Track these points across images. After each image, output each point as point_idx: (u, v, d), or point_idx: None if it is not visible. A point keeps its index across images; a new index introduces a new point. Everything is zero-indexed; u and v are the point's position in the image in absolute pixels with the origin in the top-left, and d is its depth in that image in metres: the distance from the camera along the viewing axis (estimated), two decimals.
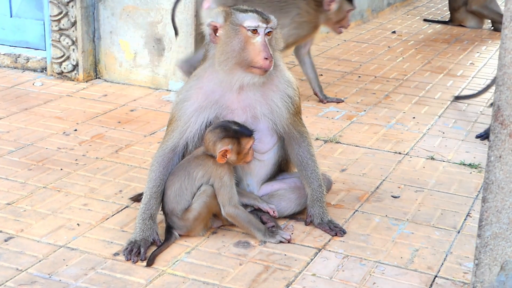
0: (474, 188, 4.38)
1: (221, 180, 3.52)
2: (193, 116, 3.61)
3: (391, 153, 4.91)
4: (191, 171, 3.56)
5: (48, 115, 5.38)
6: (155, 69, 6.11)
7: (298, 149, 3.77)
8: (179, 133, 3.64)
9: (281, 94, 3.66)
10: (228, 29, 3.51)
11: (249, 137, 3.55)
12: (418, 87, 6.56)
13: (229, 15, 3.53)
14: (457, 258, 3.54)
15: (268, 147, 3.76)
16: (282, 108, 3.65)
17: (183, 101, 3.64)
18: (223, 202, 3.53)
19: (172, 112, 3.69)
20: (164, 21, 5.94)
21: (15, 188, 4.13)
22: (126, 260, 3.39)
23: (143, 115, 5.47)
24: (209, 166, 3.54)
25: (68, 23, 6.09)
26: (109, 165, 4.51)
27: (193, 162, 3.59)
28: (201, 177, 3.54)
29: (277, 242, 3.60)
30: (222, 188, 3.52)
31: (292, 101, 3.69)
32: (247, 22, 3.48)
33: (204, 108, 3.61)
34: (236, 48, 3.49)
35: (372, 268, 3.42)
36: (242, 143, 3.53)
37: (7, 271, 3.27)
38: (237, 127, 3.55)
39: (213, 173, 3.53)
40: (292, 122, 3.71)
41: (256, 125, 3.65)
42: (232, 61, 3.50)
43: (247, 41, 3.49)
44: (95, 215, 3.85)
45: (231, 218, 3.57)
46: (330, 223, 3.76)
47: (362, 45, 8.20)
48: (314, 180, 3.77)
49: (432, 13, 10.62)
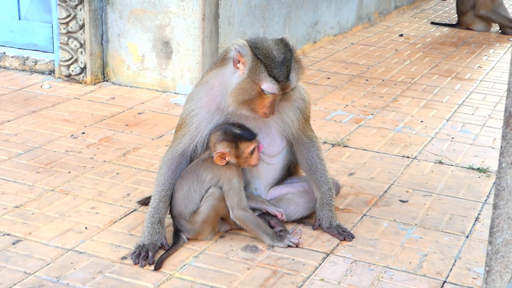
0: (483, 193, 4.36)
1: (230, 182, 3.52)
2: (203, 122, 3.60)
3: (399, 157, 4.90)
4: (200, 173, 3.56)
5: (56, 117, 5.38)
6: (162, 72, 6.11)
7: (307, 153, 3.76)
8: (190, 138, 3.63)
9: (293, 105, 3.65)
10: (248, 73, 3.43)
11: (249, 141, 3.53)
12: (426, 91, 6.55)
13: (254, 59, 3.42)
14: (466, 264, 3.52)
15: (277, 151, 3.76)
16: (293, 118, 3.66)
17: (194, 108, 3.63)
18: (232, 205, 3.52)
19: (182, 117, 3.68)
20: (172, 24, 5.94)
21: (23, 191, 4.14)
22: (134, 264, 3.39)
23: (151, 118, 5.47)
24: (217, 168, 3.54)
25: (76, 26, 6.10)
26: (117, 168, 4.51)
27: (202, 165, 3.58)
28: (210, 180, 3.54)
29: (285, 246, 3.59)
30: (231, 191, 3.51)
31: (303, 111, 3.71)
32: (265, 85, 3.42)
33: (215, 114, 3.60)
34: (248, 93, 3.44)
35: (380, 273, 3.40)
36: (240, 147, 3.52)
37: (15, 274, 3.27)
38: (238, 130, 3.54)
39: (222, 176, 3.53)
40: (301, 128, 3.72)
41: (265, 130, 3.64)
42: (241, 98, 3.46)
43: (260, 95, 3.45)
44: (103, 218, 3.85)
45: (239, 221, 3.56)
46: (339, 227, 3.75)
47: (369, 48, 8.18)
48: (324, 183, 3.76)
49: (440, 16, 10.60)
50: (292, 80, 3.45)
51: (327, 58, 7.61)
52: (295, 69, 3.47)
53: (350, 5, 8.73)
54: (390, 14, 10.08)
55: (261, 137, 3.65)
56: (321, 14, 8.01)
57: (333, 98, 6.17)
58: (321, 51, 7.91)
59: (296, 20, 7.47)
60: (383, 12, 9.85)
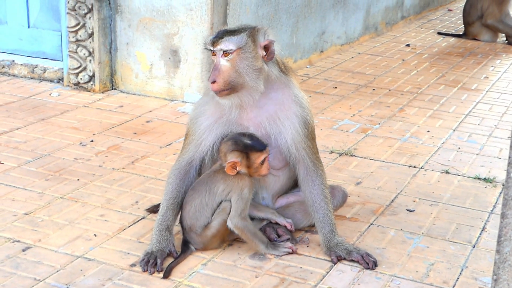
0: (489, 203, 4.38)
1: (242, 192, 3.52)
2: (206, 131, 3.62)
3: (406, 166, 4.92)
4: (212, 186, 3.55)
5: (65, 125, 5.42)
6: (171, 80, 6.14)
7: (312, 187, 3.65)
8: (194, 147, 3.66)
9: (289, 114, 3.58)
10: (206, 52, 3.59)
11: (260, 151, 3.53)
12: (432, 101, 6.57)
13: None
14: (473, 273, 3.54)
15: (282, 165, 3.73)
16: (290, 128, 3.57)
17: (198, 116, 3.67)
18: (235, 214, 3.51)
19: (188, 126, 3.72)
20: (181, 33, 5.98)
21: (32, 198, 4.17)
22: (142, 271, 3.41)
23: (159, 126, 5.50)
24: (230, 179, 3.54)
25: (85, 34, 6.14)
26: (125, 176, 4.54)
27: (214, 176, 3.59)
28: (222, 191, 3.54)
29: (280, 253, 3.60)
30: (240, 201, 3.52)
31: (301, 121, 3.59)
32: (205, 44, 3.54)
33: (218, 124, 3.61)
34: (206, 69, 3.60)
35: (387, 282, 3.42)
36: (251, 158, 3.53)
37: (25, 281, 3.29)
38: (249, 140, 3.53)
39: (234, 186, 3.53)
40: (305, 146, 3.61)
41: (270, 142, 3.64)
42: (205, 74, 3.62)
43: (211, 64, 3.54)
44: (111, 225, 3.87)
45: (238, 230, 3.54)
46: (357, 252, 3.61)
47: (376, 58, 8.21)
48: (326, 225, 3.65)
49: (446, 26, 10.63)
50: (223, 38, 3.46)
51: (334, 68, 7.64)
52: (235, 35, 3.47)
53: (357, 15, 8.77)
54: (396, 24, 10.11)
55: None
56: (328, 24, 8.05)
57: (340, 108, 6.20)
58: (328, 60, 7.94)
59: (304, 30, 7.51)
60: (390, 22, 9.89)
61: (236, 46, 3.45)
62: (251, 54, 3.48)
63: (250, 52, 3.48)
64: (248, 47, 3.47)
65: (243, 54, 3.46)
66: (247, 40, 3.47)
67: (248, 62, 3.47)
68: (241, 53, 3.46)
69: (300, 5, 7.33)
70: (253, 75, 3.48)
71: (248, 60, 3.47)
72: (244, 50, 3.46)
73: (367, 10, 9.03)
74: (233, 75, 3.46)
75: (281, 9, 6.99)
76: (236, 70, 3.46)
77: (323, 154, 4.67)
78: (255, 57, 3.49)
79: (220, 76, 3.44)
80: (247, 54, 3.47)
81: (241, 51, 3.45)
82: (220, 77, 3.44)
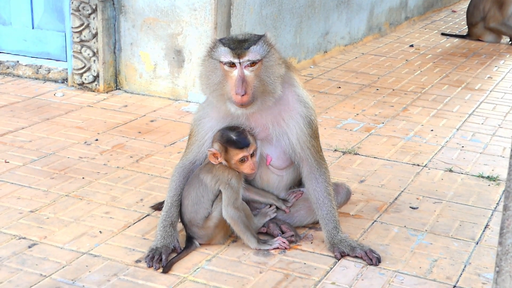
0: (493, 200, 4.39)
1: (229, 182, 3.55)
2: (209, 133, 3.65)
3: (409, 165, 4.93)
4: (202, 177, 3.60)
5: (70, 125, 5.44)
6: (174, 80, 6.17)
7: (315, 184, 3.67)
8: (197, 147, 3.70)
9: (293, 114, 3.60)
10: (208, 53, 3.52)
11: (239, 149, 3.54)
12: (436, 100, 6.58)
13: (216, 42, 3.50)
14: (476, 269, 3.55)
15: (285, 165, 3.74)
16: (295, 128, 3.59)
17: (201, 118, 3.69)
18: (227, 202, 3.53)
19: (192, 127, 3.75)
20: (184, 33, 6.00)
21: (38, 196, 4.19)
22: (148, 267, 3.43)
23: (163, 126, 5.53)
24: (216, 169, 3.57)
25: (89, 34, 6.17)
26: (130, 174, 4.56)
27: (203, 169, 3.64)
28: (210, 181, 3.57)
29: (271, 248, 3.62)
30: (229, 190, 3.54)
31: (305, 121, 3.61)
32: (221, 55, 3.43)
33: (222, 122, 3.63)
34: (213, 73, 3.49)
35: (391, 278, 3.44)
36: (229, 153, 3.55)
37: (32, 277, 3.32)
38: (234, 136, 3.55)
39: (221, 176, 3.56)
40: (309, 145, 3.62)
41: (273, 143, 3.66)
42: (210, 83, 3.50)
43: (225, 73, 3.45)
44: (117, 223, 3.90)
45: (230, 220, 3.55)
46: (363, 247, 3.64)
47: (380, 58, 8.23)
48: (330, 221, 3.67)
49: (450, 27, 10.64)
50: (249, 49, 3.40)
51: (337, 68, 7.66)
52: (257, 45, 3.43)
53: (361, 15, 8.79)
54: (400, 25, 10.13)
55: (271, 150, 3.67)
56: (332, 24, 8.07)
57: (344, 107, 6.21)
58: (332, 61, 7.96)
59: (307, 30, 7.53)
60: (394, 23, 9.90)
61: (261, 55, 3.44)
62: (275, 61, 3.49)
63: (274, 59, 3.49)
64: (272, 54, 3.48)
65: (267, 62, 3.46)
66: (269, 48, 3.47)
67: (272, 70, 3.48)
68: (265, 62, 3.46)
69: (303, 6, 7.36)
70: (276, 82, 3.49)
71: (272, 68, 3.48)
72: (268, 59, 3.47)
73: (370, 11, 9.05)
74: (257, 84, 3.45)
75: (285, 9, 7.02)
76: (261, 79, 3.45)
77: (327, 152, 4.69)
78: (278, 63, 3.51)
79: (249, 88, 3.41)
80: (271, 62, 3.48)
81: (265, 60, 3.45)
82: (249, 88, 3.41)
